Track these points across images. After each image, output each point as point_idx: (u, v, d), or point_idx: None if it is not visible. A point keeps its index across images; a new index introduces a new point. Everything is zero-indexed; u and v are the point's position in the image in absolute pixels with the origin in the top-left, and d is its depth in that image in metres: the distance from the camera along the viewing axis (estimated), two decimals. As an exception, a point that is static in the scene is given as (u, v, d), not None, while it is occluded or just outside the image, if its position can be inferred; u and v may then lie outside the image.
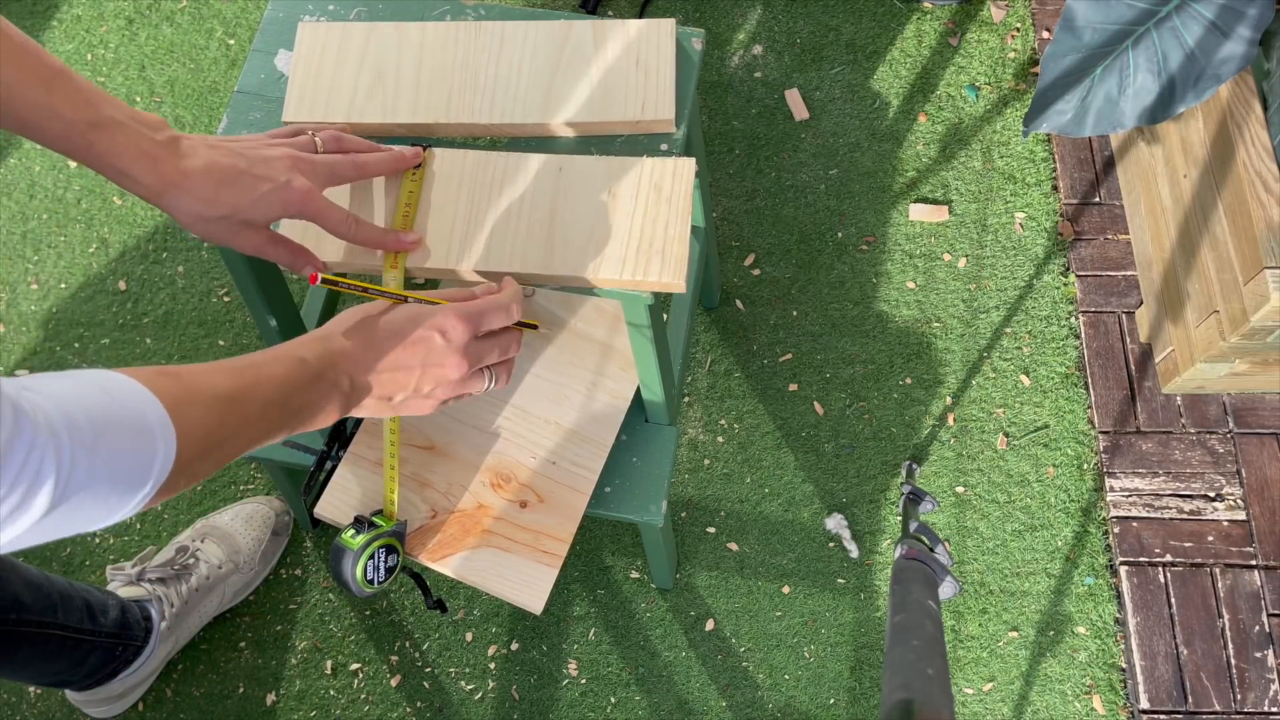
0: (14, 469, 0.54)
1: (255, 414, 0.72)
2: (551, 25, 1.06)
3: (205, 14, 1.95)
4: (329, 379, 0.78)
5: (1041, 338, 1.67)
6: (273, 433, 0.75)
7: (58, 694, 1.50)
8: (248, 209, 0.84)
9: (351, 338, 0.81)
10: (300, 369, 0.76)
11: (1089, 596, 1.52)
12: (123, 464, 0.61)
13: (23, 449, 0.54)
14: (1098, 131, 1.36)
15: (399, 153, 0.96)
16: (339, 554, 1.06)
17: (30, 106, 0.77)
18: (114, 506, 0.62)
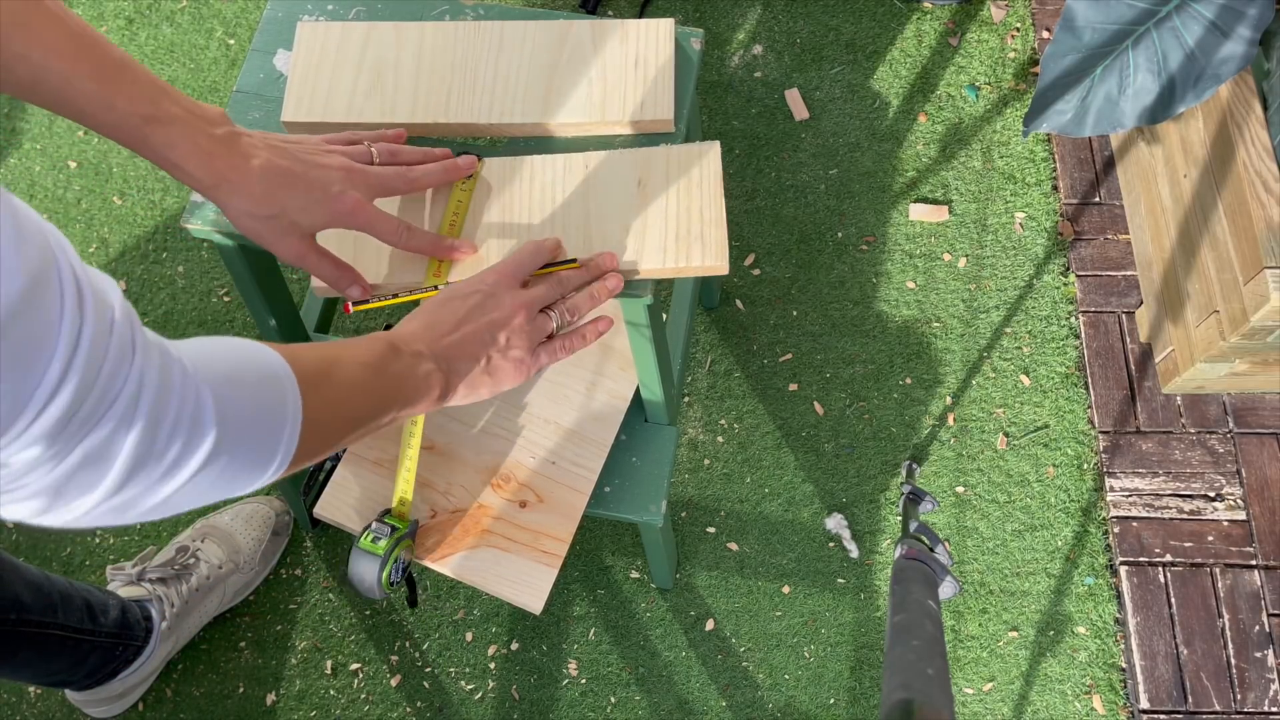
0: (175, 403, 0.54)
1: (357, 377, 0.73)
2: (550, 25, 1.05)
3: (205, 14, 1.95)
4: (408, 350, 0.78)
5: (1041, 338, 1.67)
6: (380, 405, 0.75)
7: (58, 694, 1.50)
8: (297, 213, 0.84)
9: (412, 321, 0.82)
10: (378, 343, 0.77)
11: (1089, 596, 1.52)
12: (264, 408, 0.62)
13: (178, 383, 0.55)
14: (1098, 131, 1.36)
15: (452, 164, 0.96)
16: (362, 560, 1.06)
17: (86, 98, 0.77)
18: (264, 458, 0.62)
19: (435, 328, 0.82)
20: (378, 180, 0.89)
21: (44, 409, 0.47)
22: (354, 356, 0.74)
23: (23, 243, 0.45)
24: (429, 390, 0.79)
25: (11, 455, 0.48)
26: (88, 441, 0.50)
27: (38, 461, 0.49)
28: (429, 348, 0.80)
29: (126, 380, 0.51)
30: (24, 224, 0.46)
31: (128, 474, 0.52)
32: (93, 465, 0.51)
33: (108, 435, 0.51)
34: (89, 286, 0.50)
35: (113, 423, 0.51)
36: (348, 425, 0.72)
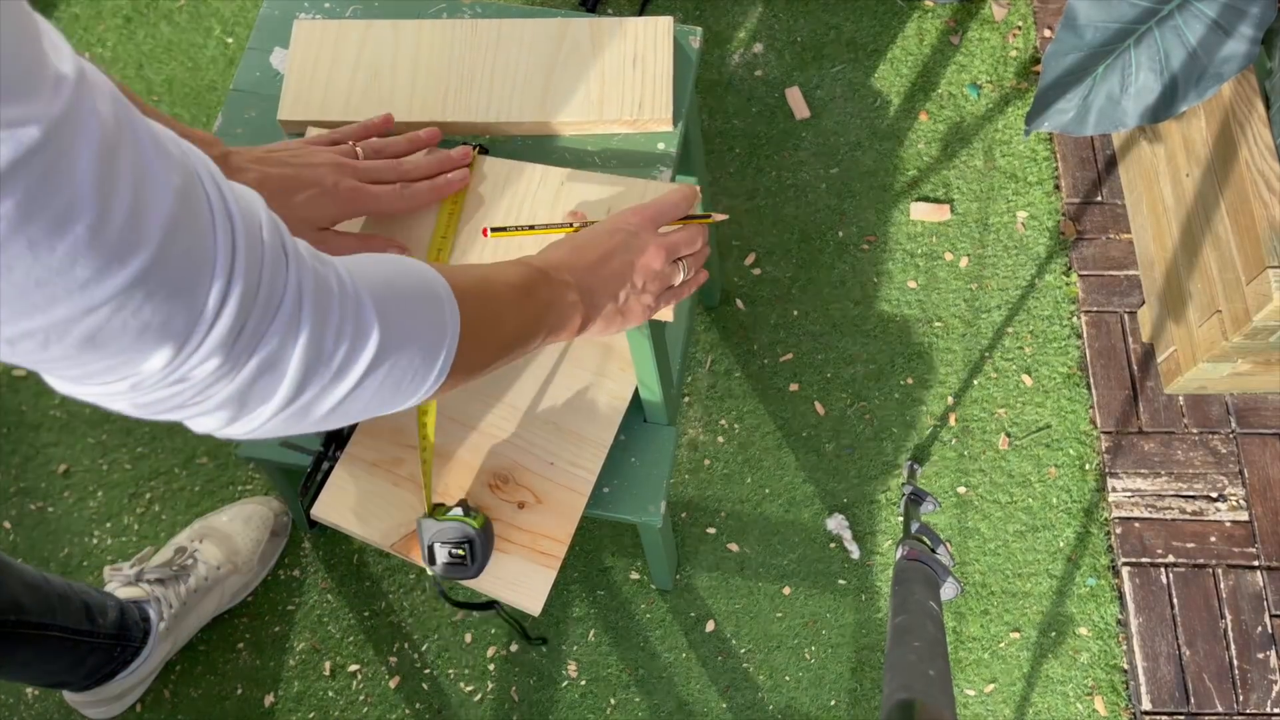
0: (336, 304, 0.55)
1: (509, 298, 0.73)
2: (549, 23, 1.05)
3: (203, 12, 1.95)
4: (556, 279, 0.78)
5: (1043, 337, 1.66)
6: (529, 329, 0.75)
7: (55, 695, 1.50)
8: (303, 211, 0.86)
9: (560, 249, 0.82)
10: (527, 269, 0.77)
11: (1091, 597, 1.52)
12: (423, 316, 0.62)
13: (336, 286, 0.56)
14: (1100, 130, 1.35)
15: (445, 155, 0.96)
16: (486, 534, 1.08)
17: None
18: (426, 365, 0.62)
19: (581, 259, 0.82)
20: (367, 170, 0.90)
21: (216, 318, 0.49)
22: (504, 279, 0.74)
23: (165, 158, 0.46)
24: (572, 319, 0.80)
25: (192, 369, 0.49)
26: (261, 349, 0.52)
27: (218, 373, 0.50)
28: (575, 278, 0.80)
29: (287, 286, 0.52)
30: (161, 140, 0.47)
31: (301, 377, 0.54)
32: (268, 372, 0.53)
33: (279, 341, 0.52)
34: (234, 200, 0.51)
35: (282, 328, 0.52)
36: (501, 344, 0.73)
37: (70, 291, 0.42)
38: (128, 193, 0.43)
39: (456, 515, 1.08)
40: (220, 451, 1.64)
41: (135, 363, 0.47)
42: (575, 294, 0.79)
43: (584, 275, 0.81)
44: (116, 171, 0.43)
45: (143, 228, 0.44)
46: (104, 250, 0.42)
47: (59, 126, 0.40)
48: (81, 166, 0.41)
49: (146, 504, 1.61)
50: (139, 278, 0.44)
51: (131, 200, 0.43)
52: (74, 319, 0.43)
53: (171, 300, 0.46)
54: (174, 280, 0.46)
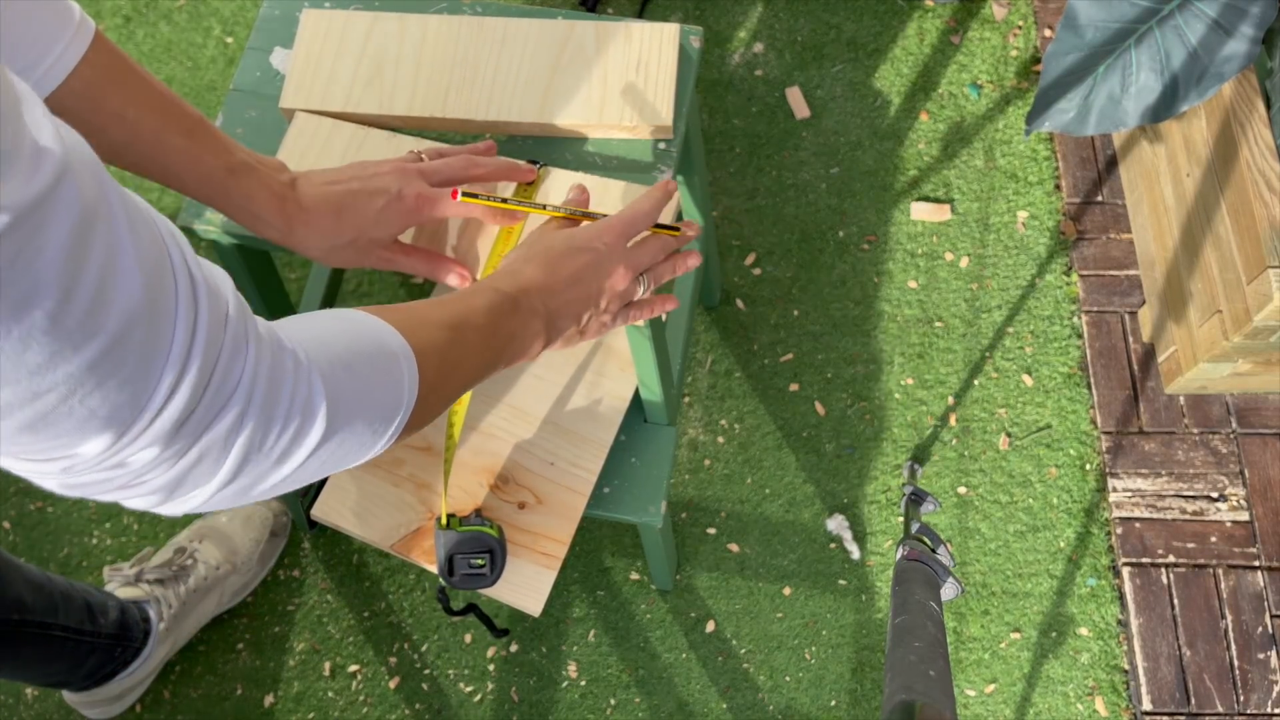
0: (287, 394, 0.54)
1: (474, 341, 0.73)
2: (554, 25, 1.05)
3: (203, 12, 1.95)
4: (525, 306, 0.78)
5: (1044, 337, 1.66)
6: (489, 364, 0.75)
7: (55, 695, 1.50)
8: (370, 229, 0.86)
9: (533, 267, 0.81)
10: (499, 298, 0.76)
11: (1091, 598, 1.51)
12: (378, 385, 0.62)
13: (290, 375, 0.55)
14: (1100, 130, 1.35)
15: (512, 162, 0.96)
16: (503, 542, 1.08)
17: (174, 153, 0.80)
18: (376, 433, 0.62)
19: (554, 279, 0.81)
20: (433, 170, 0.89)
21: (161, 410, 0.47)
22: (474, 319, 0.73)
23: (138, 242, 0.45)
24: (533, 347, 0.80)
25: (130, 455, 0.48)
26: (204, 439, 0.51)
27: (156, 461, 0.49)
28: (544, 303, 0.80)
29: (241, 376, 0.51)
30: (138, 223, 0.45)
31: (240, 466, 0.53)
32: (207, 459, 0.52)
33: (224, 431, 0.51)
34: (204, 282, 0.50)
35: (228, 419, 0.51)
36: (459, 389, 0.73)
37: (18, 376, 0.41)
38: (94, 279, 0.42)
39: (475, 525, 1.08)
40: (220, 451, 1.64)
41: (73, 446, 0.46)
42: (540, 321, 0.79)
43: (552, 299, 0.80)
44: (86, 256, 0.41)
45: (103, 316, 0.42)
46: (60, 337, 0.41)
47: (32, 210, 0.39)
48: (50, 251, 0.40)
49: (146, 504, 1.61)
50: (91, 366, 0.43)
51: (96, 287, 0.42)
52: (18, 403, 0.42)
53: (120, 390, 0.45)
54: (126, 370, 0.45)
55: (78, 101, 0.75)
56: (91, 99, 0.75)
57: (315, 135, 1.00)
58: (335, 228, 0.86)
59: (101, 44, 0.75)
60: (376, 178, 0.87)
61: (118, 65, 0.77)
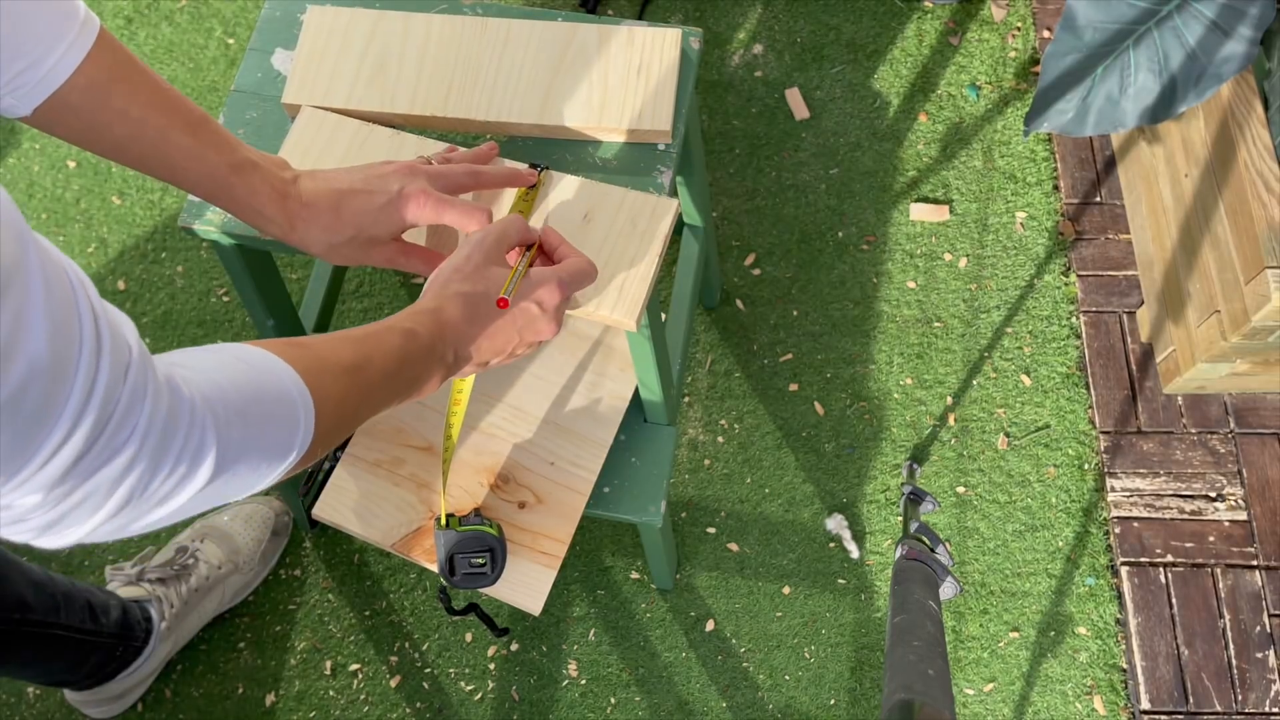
0: (178, 443, 0.55)
1: (376, 382, 0.73)
2: (557, 26, 1.05)
3: (204, 13, 1.95)
4: (437, 353, 0.78)
5: (1042, 337, 1.66)
6: (387, 401, 0.76)
7: (56, 694, 1.50)
8: (370, 226, 0.86)
9: (458, 311, 0.80)
10: (413, 342, 0.76)
11: (1090, 597, 1.52)
12: (271, 433, 0.62)
13: (184, 424, 0.55)
14: (1099, 131, 1.36)
15: (515, 169, 0.96)
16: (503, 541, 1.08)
17: (177, 151, 0.81)
18: (263, 475, 0.63)
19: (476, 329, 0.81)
20: (439, 173, 0.90)
21: (48, 462, 0.48)
22: (381, 362, 0.73)
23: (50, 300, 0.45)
24: (431, 386, 0.80)
25: (14, 500, 0.48)
26: (88, 483, 0.51)
27: (38, 505, 0.50)
28: (460, 346, 0.80)
29: (134, 429, 0.52)
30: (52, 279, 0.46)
31: (122, 506, 0.53)
32: (91, 501, 0.52)
33: (110, 477, 0.51)
34: (107, 329, 0.50)
35: (117, 465, 0.51)
36: (354, 425, 0.73)
37: None
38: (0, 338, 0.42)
39: (475, 524, 1.08)
40: (221, 451, 1.65)
41: None
42: (444, 368, 0.79)
43: (469, 343, 0.81)
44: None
45: (3, 372, 0.43)
46: None
47: None
48: None
49: (147, 504, 1.62)
50: None
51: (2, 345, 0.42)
52: None
53: (11, 442, 0.45)
54: (18, 424, 0.45)
55: (82, 98, 0.75)
56: (96, 96, 0.76)
57: (319, 131, 1.01)
58: (336, 224, 0.86)
59: (106, 42, 0.76)
60: (380, 178, 0.87)
61: (122, 63, 0.77)
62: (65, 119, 0.76)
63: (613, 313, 0.93)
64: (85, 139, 0.78)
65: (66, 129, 0.77)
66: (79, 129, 0.77)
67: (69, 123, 0.76)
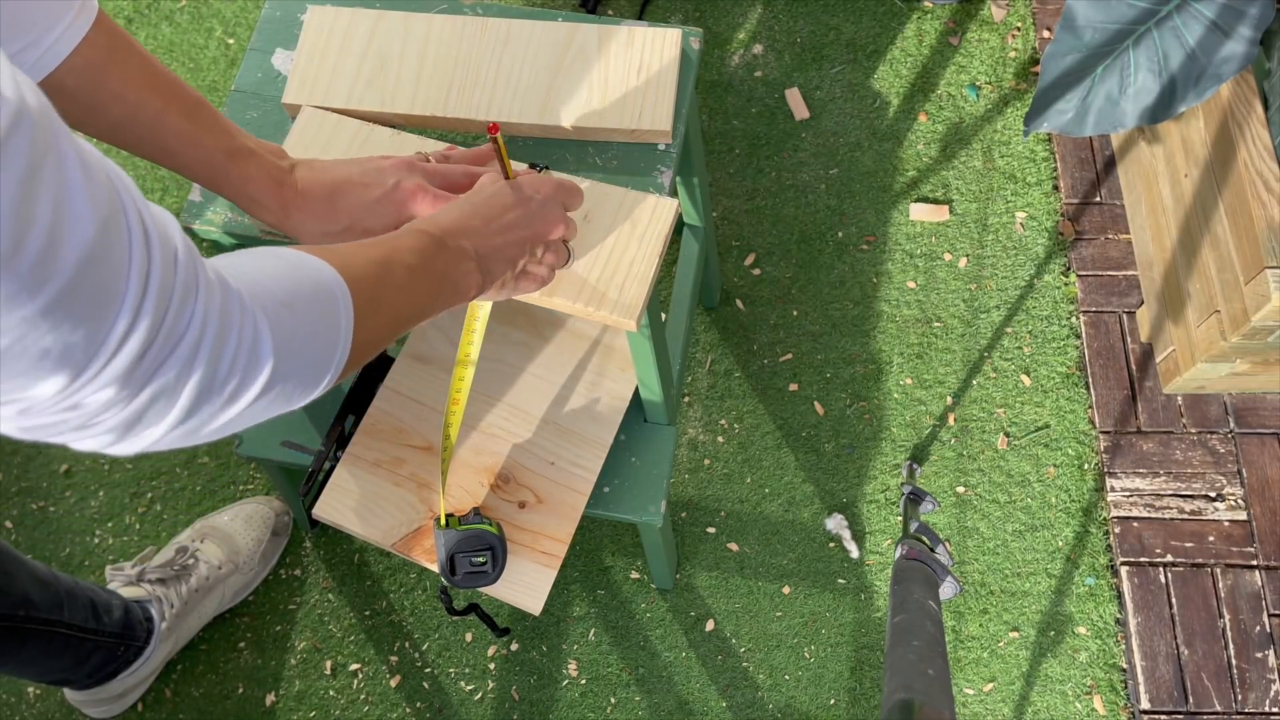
0: (235, 336, 0.55)
1: (403, 279, 0.73)
2: (557, 27, 1.05)
3: (204, 13, 1.95)
4: (453, 246, 0.78)
5: (1042, 337, 1.66)
6: (424, 304, 0.76)
7: (56, 694, 1.50)
8: (364, 218, 0.86)
9: (460, 211, 0.82)
10: (425, 239, 0.76)
11: (1090, 597, 1.52)
12: (318, 322, 0.63)
13: (237, 316, 0.56)
14: (1098, 131, 1.36)
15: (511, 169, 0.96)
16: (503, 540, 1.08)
17: (173, 135, 0.80)
18: (320, 371, 0.63)
19: (481, 224, 0.81)
20: (436, 171, 0.90)
21: (117, 352, 0.48)
22: (402, 257, 0.73)
23: (92, 185, 0.45)
24: (468, 288, 0.80)
25: (86, 397, 0.49)
26: (156, 382, 0.51)
27: (111, 402, 0.50)
28: (473, 244, 0.80)
29: (191, 320, 0.52)
30: (90, 166, 0.46)
31: (191, 407, 0.54)
32: (161, 400, 0.52)
33: (176, 373, 0.52)
34: (154, 226, 0.50)
35: (180, 362, 0.52)
36: (395, 327, 0.73)
37: None
38: (45, 224, 0.42)
39: (475, 523, 1.08)
40: (222, 451, 1.65)
41: (28, 388, 0.47)
42: (471, 262, 0.79)
43: (482, 241, 0.81)
44: (35, 202, 0.42)
45: (57, 260, 0.43)
46: (14, 280, 0.42)
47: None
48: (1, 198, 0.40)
49: (148, 503, 1.62)
50: (47, 309, 0.44)
51: (48, 232, 0.43)
52: None
53: (75, 331, 0.46)
54: (81, 312, 0.45)
55: (79, 80, 0.75)
56: (92, 78, 0.76)
57: (320, 131, 1.01)
58: (330, 214, 0.86)
59: (104, 24, 0.76)
60: (377, 171, 0.87)
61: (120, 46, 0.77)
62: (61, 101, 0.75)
63: (613, 313, 0.93)
64: (81, 121, 0.78)
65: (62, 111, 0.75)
66: (75, 112, 0.77)
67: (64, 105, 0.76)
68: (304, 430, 1.30)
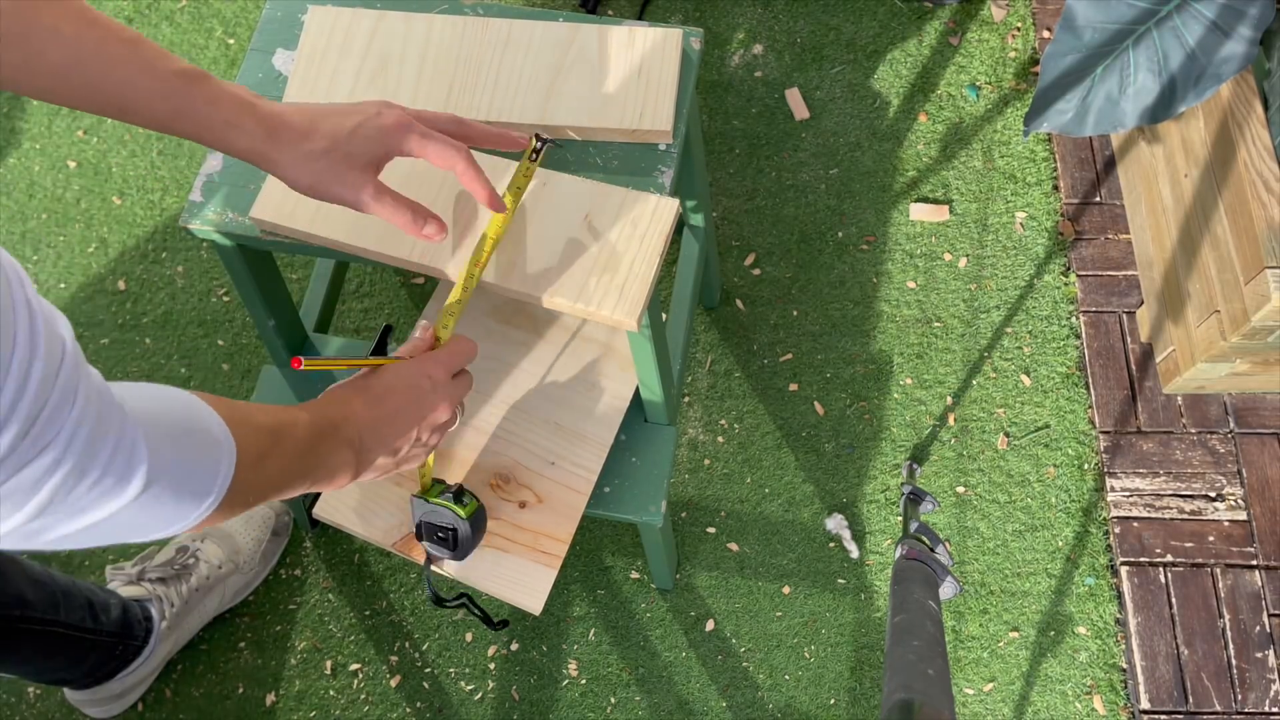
0: (107, 451, 0.54)
1: (289, 452, 0.74)
2: (558, 27, 1.05)
3: (205, 13, 1.95)
4: (345, 434, 0.81)
5: (1042, 337, 1.67)
6: (298, 479, 0.77)
7: (57, 694, 1.50)
8: (346, 141, 0.81)
9: (357, 399, 0.84)
10: (324, 421, 0.79)
11: (1090, 597, 1.52)
12: (197, 464, 0.63)
13: (114, 433, 0.54)
14: (1098, 131, 1.36)
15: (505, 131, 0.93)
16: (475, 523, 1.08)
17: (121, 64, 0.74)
18: (184, 510, 0.62)
19: (376, 413, 0.84)
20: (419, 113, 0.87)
21: None
22: (294, 432, 0.75)
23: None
24: (339, 477, 0.82)
25: None
26: (14, 480, 0.50)
27: None
28: (364, 432, 0.83)
29: (64, 424, 0.51)
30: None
31: (42, 509, 0.52)
32: (10, 501, 0.51)
33: (35, 475, 0.50)
34: (43, 323, 0.49)
35: (44, 464, 0.50)
36: (264, 495, 0.73)
37: None
38: None
39: (447, 501, 1.07)
40: (221, 451, 1.65)
41: None
42: (351, 452, 0.82)
43: (371, 433, 0.83)
44: None
45: None
46: None
47: None
48: None
49: (148, 503, 1.62)
50: None
51: None
52: None
53: None
54: None
55: (10, 23, 0.71)
56: (23, 17, 0.71)
57: None
58: (310, 130, 0.81)
59: None
60: (355, 104, 0.84)
61: None
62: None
63: (614, 313, 0.93)
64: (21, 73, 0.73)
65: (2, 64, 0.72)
66: (14, 61, 0.72)
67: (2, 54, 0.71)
68: (304, 430, 1.30)
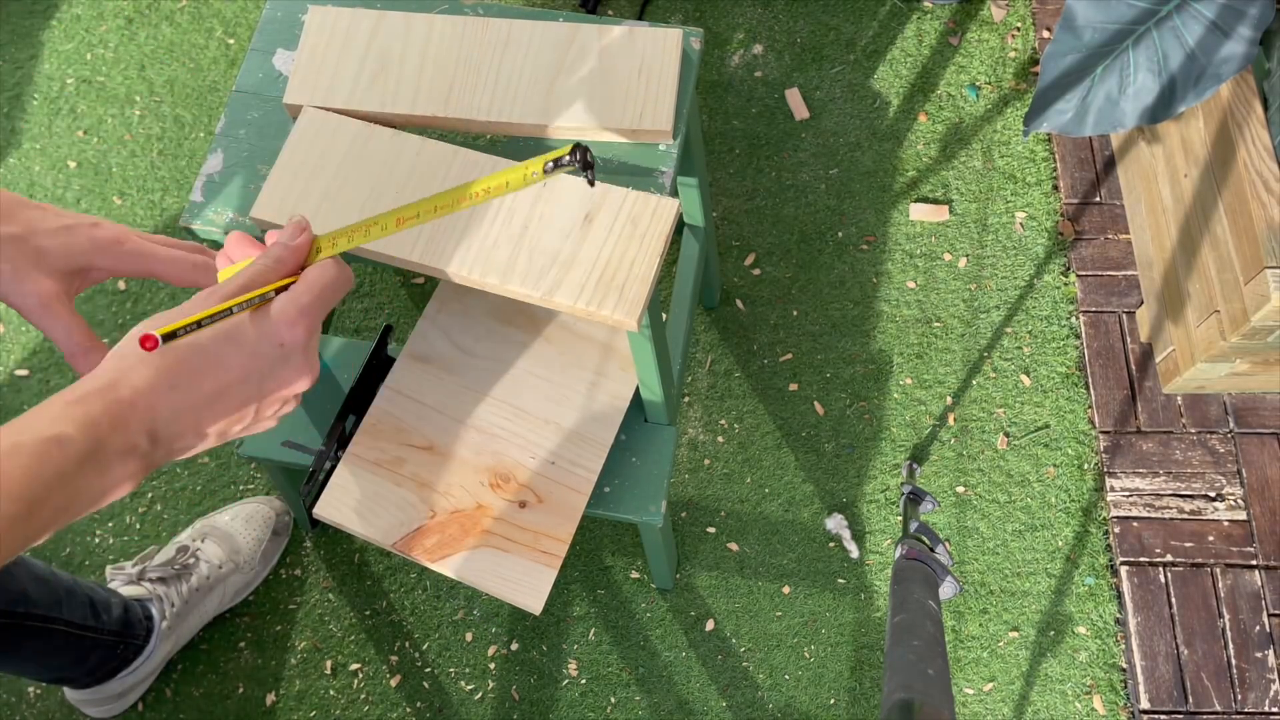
0: None
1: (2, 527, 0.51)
2: (558, 27, 1.05)
3: (205, 13, 1.95)
4: (112, 449, 0.54)
5: (1042, 337, 1.67)
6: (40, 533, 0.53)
7: (56, 694, 1.50)
8: (45, 236, 0.67)
9: (149, 376, 0.56)
10: (58, 454, 0.52)
11: (1089, 596, 1.52)
12: None
13: None
14: (1098, 131, 1.36)
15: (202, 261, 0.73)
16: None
17: None
18: None
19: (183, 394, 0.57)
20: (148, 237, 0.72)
21: None
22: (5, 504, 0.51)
23: None
24: (117, 492, 0.56)
25: None
26: None
27: None
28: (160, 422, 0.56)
29: None
30: None
31: None
32: None
33: None
34: None
35: None
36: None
37: None
38: None
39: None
40: (222, 451, 1.65)
41: None
42: (148, 443, 0.56)
43: (178, 415, 0.57)
44: None
45: None
46: None
47: None
48: None
49: (148, 503, 1.62)
50: None
51: None
52: None
53: None
54: None
55: None
56: None
57: (321, 131, 1.01)
58: (9, 213, 0.67)
59: None
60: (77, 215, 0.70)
61: None
62: None
63: (614, 313, 0.93)
64: None
65: None
66: None
67: None
68: (305, 430, 1.31)
